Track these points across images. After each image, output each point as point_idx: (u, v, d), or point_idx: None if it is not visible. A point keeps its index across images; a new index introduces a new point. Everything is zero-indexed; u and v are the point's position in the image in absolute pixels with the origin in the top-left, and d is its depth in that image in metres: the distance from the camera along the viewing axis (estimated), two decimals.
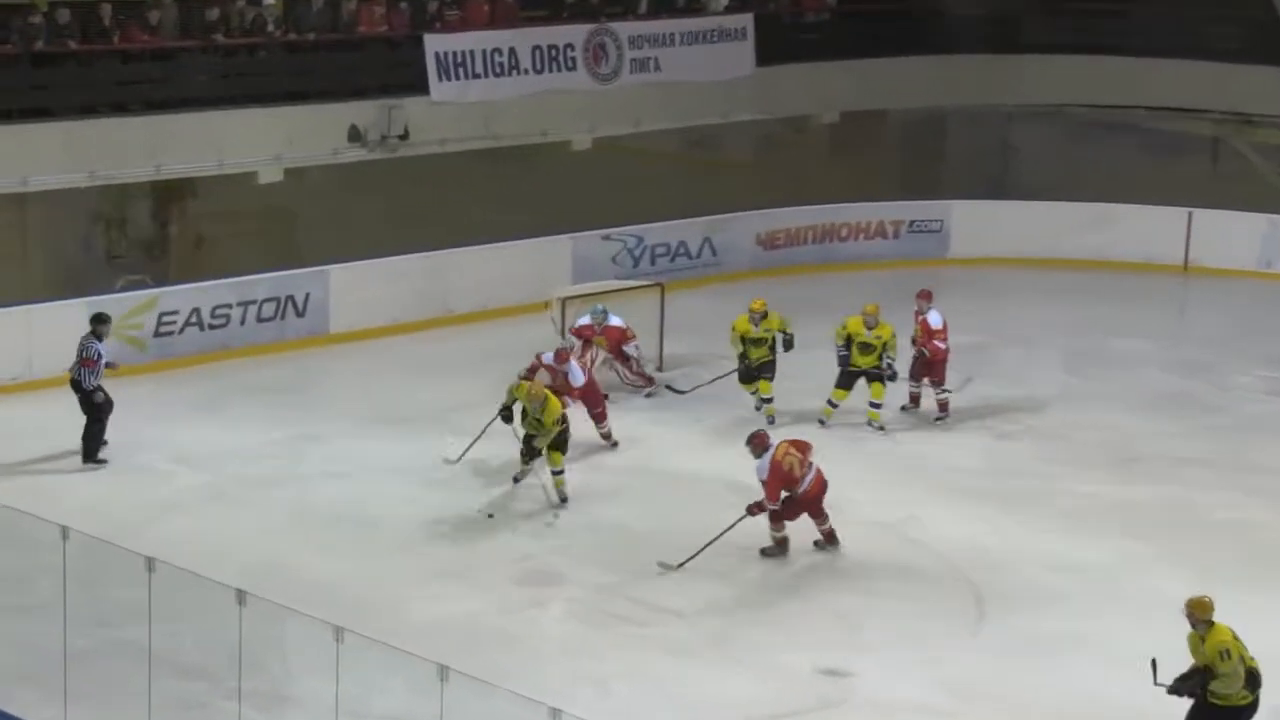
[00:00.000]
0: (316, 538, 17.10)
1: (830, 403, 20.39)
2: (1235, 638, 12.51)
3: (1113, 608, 16.04)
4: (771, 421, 19.94)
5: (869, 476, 18.85)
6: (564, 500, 17.90)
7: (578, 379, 19.65)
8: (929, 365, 20.81)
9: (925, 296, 20.99)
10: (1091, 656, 14.99)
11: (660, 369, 22.03)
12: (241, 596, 12.02)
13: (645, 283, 23.68)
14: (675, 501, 18.25)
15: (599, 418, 19.79)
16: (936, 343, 20.65)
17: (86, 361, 18.74)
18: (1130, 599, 16.19)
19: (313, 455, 19.43)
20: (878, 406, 20.39)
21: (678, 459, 19.57)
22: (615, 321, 21.30)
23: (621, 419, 20.28)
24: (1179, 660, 12.57)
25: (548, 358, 19.76)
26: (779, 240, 27.30)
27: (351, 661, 11.61)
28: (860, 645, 15.06)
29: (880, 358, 20.18)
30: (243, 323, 22.66)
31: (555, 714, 10.47)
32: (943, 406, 20.85)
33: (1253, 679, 12.48)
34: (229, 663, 12.09)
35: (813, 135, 29.40)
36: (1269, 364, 23.49)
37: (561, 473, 17.97)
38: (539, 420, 17.85)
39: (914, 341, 20.77)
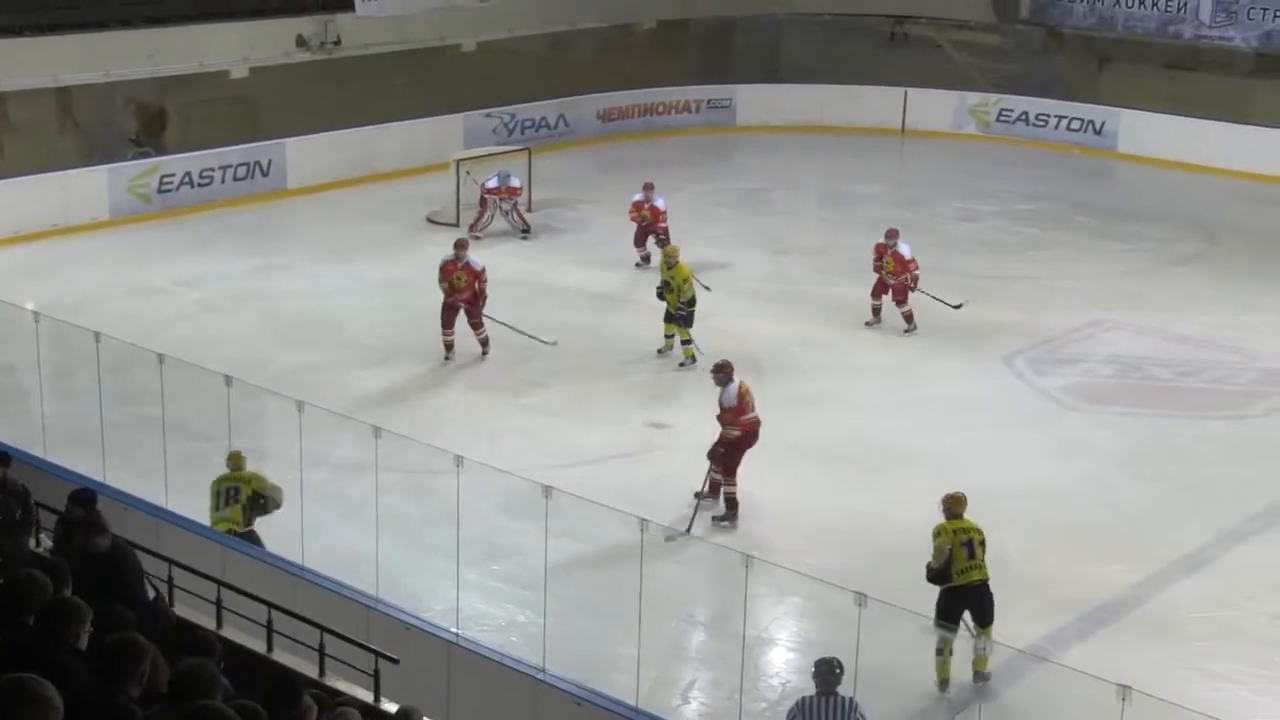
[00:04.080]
0: (285, 337, 17.08)
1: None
2: (958, 529, 10.33)
3: (848, 373, 16.47)
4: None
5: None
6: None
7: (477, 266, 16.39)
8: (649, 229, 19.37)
9: (649, 188, 19.48)
10: (838, 406, 15.47)
11: (530, 210, 21.94)
12: (229, 381, 12.03)
13: (517, 148, 23.48)
14: (556, 305, 18.38)
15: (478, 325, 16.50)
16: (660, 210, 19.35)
17: None
18: (861, 365, 16.68)
19: (280, 277, 19.26)
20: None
21: (556, 275, 19.53)
22: (515, 182, 21.21)
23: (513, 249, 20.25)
24: None
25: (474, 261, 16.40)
26: (614, 115, 27.11)
27: (311, 426, 11.67)
28: (679, 407, 15.36)
29: None
30: (223, 182, 22.24)
31: (459, 459, 10.61)
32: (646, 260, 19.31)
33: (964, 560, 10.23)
34: (222, 429, 12.10)
35: (638, 38, 29.13)
36: (963, 198, 23.73)
37: None
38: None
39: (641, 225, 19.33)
